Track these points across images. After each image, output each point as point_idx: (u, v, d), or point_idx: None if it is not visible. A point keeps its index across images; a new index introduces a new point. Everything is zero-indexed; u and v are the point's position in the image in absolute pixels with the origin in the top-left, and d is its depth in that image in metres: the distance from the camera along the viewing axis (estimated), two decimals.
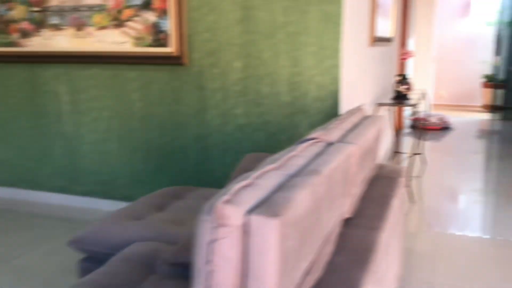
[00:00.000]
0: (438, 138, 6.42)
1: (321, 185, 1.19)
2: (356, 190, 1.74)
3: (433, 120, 6.70)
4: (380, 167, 2.38)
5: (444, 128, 6.80)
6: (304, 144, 1.46)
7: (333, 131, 1.73)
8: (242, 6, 2.95)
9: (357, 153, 1.64)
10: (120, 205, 3.55)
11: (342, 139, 1.68)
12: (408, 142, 6.07)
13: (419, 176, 4.53)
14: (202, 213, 0.89)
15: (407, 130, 6.84)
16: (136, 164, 3.45)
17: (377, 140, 2.16)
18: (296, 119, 2.99)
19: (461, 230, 3.32)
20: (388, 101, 3.86)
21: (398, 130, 6.58)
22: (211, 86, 3.13)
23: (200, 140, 3.23)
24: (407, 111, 7.03)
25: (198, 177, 3.29)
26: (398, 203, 2.02)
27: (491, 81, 8.61)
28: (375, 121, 2.15)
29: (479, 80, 8.89)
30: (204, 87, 3.14)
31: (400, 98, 3.86)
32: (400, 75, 4.10)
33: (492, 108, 8.58)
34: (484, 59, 8.85)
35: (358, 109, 2.30)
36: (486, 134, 6.96)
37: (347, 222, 1.64)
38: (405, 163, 4.92)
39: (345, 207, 1.58)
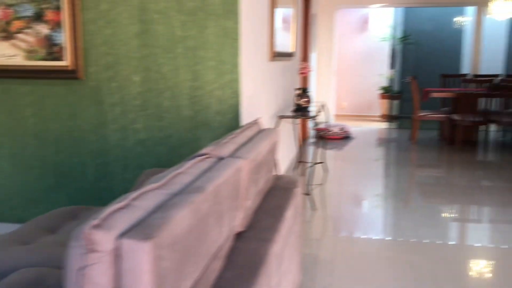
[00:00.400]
0: (339, 147, 6.75)
1: (205, 201, 1.20)
2: (249, 203, 1.78)
3: (335, 130, 7.04)
4: (278, 178, 2.46)
5: (345, 137, 7.16)
6: (192, 161, 1.47)
7: (225, 146, 1.76)
8: (140, 20, 2.92)
9: (248, 167, 1.68)
10: (14, 228, 3.32)
11: (233, 154, 1.72)
12: (312, 152, 6.32)
13: (321, 184, 4.72)
14: (71, 238, 0.87)
15: (311, 140, 7.11)
16: (30, 183, 3.25)
17: (272, 152, 2.23)
18: (198, 133, 3.00)
19: (365, 233, 3.50)
20: (289, 113, 4.00)
21: (303, 141, 6.83)
22: (110, 101, 3.04)
23: (99, 156, 3.12)
24: (311, 122, 7.33)
25: (97, 195, 3.17)
26: (292, 213, 2.09)
27: (387, 93, 9.23)
28: (270, 134, 2.22)
29: (376, 91, 9.50)
30: (102, 102, 3.05)
31: (300, 111, 4.02)
32: (300, 88, 4.27)
33: (389, 118, 9.20)
34: (380, 72, 9.48)
35: (254, 122, 2.35)
36: (384, 142, 7.45)
37: (240, 236, 1.67)
38: (308, 172, 5.12)
39: (237, 221, 1.61)
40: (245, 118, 3.05)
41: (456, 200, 4.39)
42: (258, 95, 3.44)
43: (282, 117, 3.81)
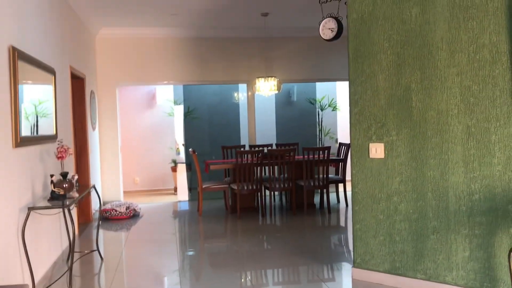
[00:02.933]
0: (127, 227, 6.47)
1: None
2: None
3: (121, 209, 6.76)
4: None
5: (133, 215, 6.92)
6: None
7: None
8: None
9: None
10: None
11: None
12: (95, 237, 5.90)
13: (96, 274, 4.36)
14: None
15: (96, 223, 6.68)
16: None
17: None
18: None
19: None
20: (44, 203, 3.65)
21: (86, 224, 6.36)
22: None
23: None
24: (95, 203, 6.91)
25: None
26: None
27: (177, 165, 9.38)
28: None
29: (169, 164, 9.58)
30: None
31: (57, 198, 3.70)
32: (62, 173, 3.96)
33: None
34: (171, 146, 9.63)
35: None
36: (173, 216, 7.41)
37: None
38: (79, 262, 4.71)
39: None
40: None
41: (244, 267, 4.54)
42: None
43: (31, 209, 3.43)
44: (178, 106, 9.66)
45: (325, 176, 6.60)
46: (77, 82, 6.40)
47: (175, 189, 9.37)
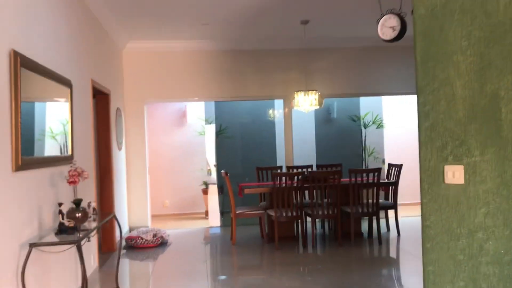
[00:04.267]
0: (153, 257, 5.87)
1: None
2: None
3: (147, 237, 6.16)
4: None
5: (161, 243, 6.32)
6: None
7: None
8: None
9: None
10: None
11: None
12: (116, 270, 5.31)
13: None
14: None
15: (121, 252, 6.10)
16: None
17: None
18: None
19: None
20: (50, 238, 3.06)
21: (109, 254, 5.79)
22: None
23: None
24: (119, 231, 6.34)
25: None
26: None
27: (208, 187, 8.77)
28: None
29: (200, 187, 8.98)
30: None
31: (65, 232, 3.11)
32: (75, 201, 3.39)
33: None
34: (202, 167, 9.04)
35: None
36: (203, 245, 6.76)
37: None
38: None
39: None
40: None
41: None
42: None
43: (33, 245, 2.85)
44: (209, 125, 9.08)
45: (375, 201, 5.85)
46: (101, 98, 5.91)
47: (206, 213, 8.75)
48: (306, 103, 6.22)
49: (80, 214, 3.33)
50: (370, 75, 7.69)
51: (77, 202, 3.38)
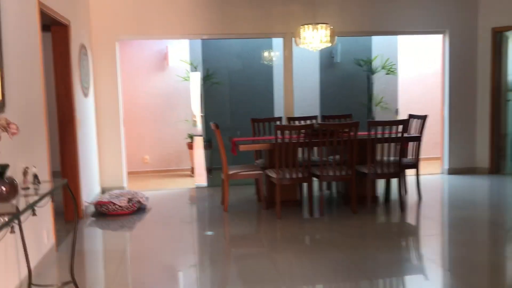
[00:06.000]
0: (126, 228, 4.84)
1: None
2: None
3: (121, 202, 5.10)
4: None
5: (138, 209, 5.27)
6: None
7: None
8: None
9: None
10: None
11: None
12: (88, 241, 4.27)
13: None
14: None
15: (90, 220, 5.05)
16: None
17: None
18: None
19: None
20: None
21: (72, 224, 4.72)
22: None
23: None
24: (87, 192, 5.26)
25: None
26: None
27: (193, 140, 7.68)
28: None
29: (185, 140, 7.88)
30: None
31: None
32: None
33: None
34: (186, 117, 7.90)
35: None
36: (189, 210, 5.73)
37: None
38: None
39: None
40: None
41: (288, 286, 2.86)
42: None
43: None
44: (195, 70, 7.84)
45: (398, 159, 4.83)
46: (58, 30, 4.68)
47: (192, 170, 7.70)
48: (316, 40, 5.04)
49: (5, 188, 2.23)
50: (389, 10, 6.50)
51: (1, 169, 2.26)
